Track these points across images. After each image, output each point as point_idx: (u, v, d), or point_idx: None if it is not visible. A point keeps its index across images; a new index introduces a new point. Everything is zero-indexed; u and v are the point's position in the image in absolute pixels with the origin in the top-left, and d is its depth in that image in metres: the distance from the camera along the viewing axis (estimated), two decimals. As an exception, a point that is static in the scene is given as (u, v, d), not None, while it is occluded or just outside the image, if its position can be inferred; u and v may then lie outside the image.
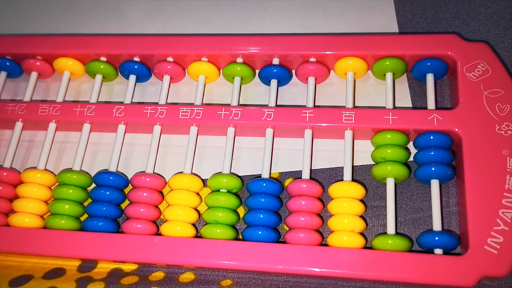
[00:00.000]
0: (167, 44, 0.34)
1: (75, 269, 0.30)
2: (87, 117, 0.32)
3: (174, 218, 0.29)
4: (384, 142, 0.29)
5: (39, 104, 0.33)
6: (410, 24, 0.35)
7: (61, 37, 0.35)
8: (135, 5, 0.40)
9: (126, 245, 0.28)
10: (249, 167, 0.32)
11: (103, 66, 0.34)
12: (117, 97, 0.35)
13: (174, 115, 0.31)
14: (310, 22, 0.37)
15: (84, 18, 0.40)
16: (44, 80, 0.37)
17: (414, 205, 0.29)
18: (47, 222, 0.30)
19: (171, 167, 0.32)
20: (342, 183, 0.28)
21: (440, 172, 0.28)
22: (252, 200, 0.29)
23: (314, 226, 0.28)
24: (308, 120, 0.30)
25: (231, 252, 0.27)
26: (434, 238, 0.26)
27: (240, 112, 0.31)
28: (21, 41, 0.35)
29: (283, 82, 0.33)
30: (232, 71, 0.33)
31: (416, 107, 0.32)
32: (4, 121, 0.33)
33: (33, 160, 0.34)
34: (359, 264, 0.26)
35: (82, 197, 0.31)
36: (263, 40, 0.33)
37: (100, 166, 0.33)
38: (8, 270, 0.30)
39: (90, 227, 0.29)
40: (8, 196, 0.31)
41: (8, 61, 0.35)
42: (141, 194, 0.30)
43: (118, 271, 0.29)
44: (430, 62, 0.30)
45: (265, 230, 0.28)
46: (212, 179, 0.30)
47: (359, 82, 0.33)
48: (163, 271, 0.29)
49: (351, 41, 0.31)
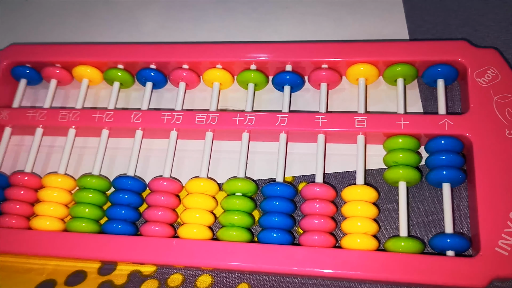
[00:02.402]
0: (183, 52, 0.35)
1: (96, 271, 0.31)
2: (106, 123, 0.33)
3: (191, 221, 0.30)
4: (396, 146, 0.29)
5: (59, 111, 0.34)
6: (420, 30, 0.36)
7: (80, 46, 0.36)
8: (150, 15, 0.41)
9: (145, 247, 0.29)
10: (263, 171, 0.33)
11: (121, 73, 0.35)
12: (134, 104, 0.36)
13: (190, 121, 0.32)
14: (321, 29, 0.37)
15: (101, 28, 0.41)
16: (63, 87, 0.38)
17: (426, 208, 0.30)
18: (68, 225, 0.31)
19: (187, 171, 0.33)
20: (355, 187, 0.29)
21: (452, 176, 0.28)
22: (267, 204, 0.29)
23: (328, 228, 0.28)
24: (321, 125, 0.30)
25: (247, 253, 0.28)
26: (446, 240, 0.27)
27: (255, 118, 0.31)
28: (40, 49, 0.37)
29: (296, 88, 0.34)
30: (246, 78, 0.34)
31: (427, 112, 0.33)
32: (25, 127, 0.35)
33: (53, 165, 0.35)
34: (373, 266, 0.26)
35: (101, 200, 0.31)
36: (276, 47, 0.34)
37: (119, 170, 0.34)
38: (31, 274, 0.31)
39: (110, 230, 0.30)
40: (29, 200, 0.32)
41: (28, 69, 0.36)
42: (159, 197, 0.30)
43: (137, 273, 0.30)
44: (440, 68, 0.31)
45: (280, 233, 0.28)
46: (227, 183, 0.30)
47: (370, 87, 0.34)
48: (180, 273, 0.30)
49: (363, 48, 0.32)
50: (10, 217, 0.31)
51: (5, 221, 0.31)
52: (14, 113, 0.34)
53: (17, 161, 0.35)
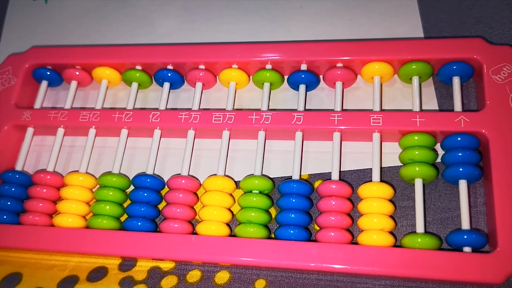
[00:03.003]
0: (199, 53, 0.35)
1: (117, 267, 0.31)
2: (125, 123, 0.34)
3: (209, 218, 0.30)
4: (411, 143, 0.30)
5: (80, 111, 0.35)
6: (435, 29, 0.36)
7: (99, 48, 0.37)
8: (166, 17, 0.41)
9: (164, 243, 0.29)
10: (279, 169, 0.33)
11: (139, 74, 0.36)
12: (152, 104, 0.37)
13: (207, 120, 0.33)
14: (335, 29, 0.38)
15: (118, 30, 0.41)
16: (83, 89, 0.39)
17: (442, 205, 0.30)
18: (89, 222, 0.31)
19: (205, 170, 0.34)
20: (371, 184, 0.29)
21: (468, 173, 0.28)
22: (283, 201, 0.30)
23: (344, 225, 0.29)
24: (336, 123, 0.31)
25: (264, 250, 0.28)
26: (463, 236, 0.27)
27: (271, 117, 0.32)
28: (61, 52, 0.37)
29: (311, 87, 0.34)
30: (262, 77, 0.34)
31: (443, 109, 0.33)
32: (47, 127, 0.36)
33: (74, 165, 0.36)
34: (389, 262, 0.26)
35: (121, 198, 0.32)
36: (291, 46, 0.34)
37: (137, 169, 0.34)
38: (54, 270, 0.32)
39: (130, 227, 0.31)
40: (52, 198, 0.33)
41: (49, 71, 0.37)
42: (177, 195, 0.31)
43: (157, 270, 0.31)
44: (456, 66, 0.31)
45: (296, 229, 0.29)
46: (244, 181, 0.31)
47: (385, 86, 0.34)
48: (199, 269, 0.31)
49: (378, 46, 0.32)
50: (33, 214, 0.32)
51: (28, 218, 0.32)
52: (36, 114, 0.35)
53: (39, 161, 0.36)
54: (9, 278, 0.32)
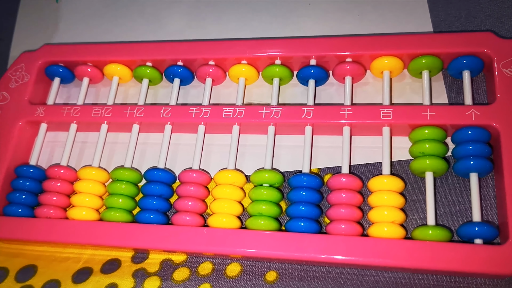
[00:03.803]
0: (209, 49, 0.36)
1: (129, 260, 0.32)
2: (137, 118, 0.34)
3: (220, 211, 0.31)
4: (422, 137, 0.30)
5: (92, 107, 0.35)
6: (444, 23, 0.36)
7: (110, 45, 0.38)
8: (176, 15, 0.42)
9: (176, 235, 0.30)
10: (289, 163, 0.33)
11: (149, 70, 0.36)
12: (162, 100, 0.37)
13: (217, 115, 0.33)
14: (344, 25, 0.38)
15: (129, 28, 0.42)
16: (94, 85, 0.39)
17: (453, 198, 0.30)
18: (102, 215, 0.32)
19: (215, 164, 0.34)
20: (382, 177, 0.29)
21: (479, 165, 0.28)
22: (294, 194, 0.30)
23: (354, 217, 0.29)
24: (346, 117, 0.31)
25: (275, 242, 0.28)
26: (474, 228, 0.27)
27: (281, 111, 0.32)
28: (72, 49, 0.38)
29: (320, 82, 0.35)
30: (271, 73, 0.34)
31: (453, 103, 0.33)
32: (60, 123, 0.36)
33: (86, 159, 0.36)
34: (400, 254, 0.27)
35: (134, 192, 0.33)
36: (300, 42, 0.34)
37: (149, 163, 0.35)
38: (68, 262, 0.32)
39: (143, 220, 0.31)
40: (66, 192, 0.34)
41: (61, 68, 0.38)
42: (189, 188, 0.31)
43: (169, 262, 0.31)
44: (466, 60, 0.31)
45: (307, 222, 0.29)
46: (255, 174, 0.31)
47: (395, 80, 0.34)
48: (210, 261, 0.31)
49: (387, 41, 0.32)
50: (48, 208, 0.33)
51: (43, 211, 0.33)
52: (50, 110, 0.36)
53: (52, 156, 0.37)
54: (24, 270, 0.33)
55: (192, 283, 0.30)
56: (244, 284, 0.30)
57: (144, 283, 0.31)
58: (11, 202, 0.33)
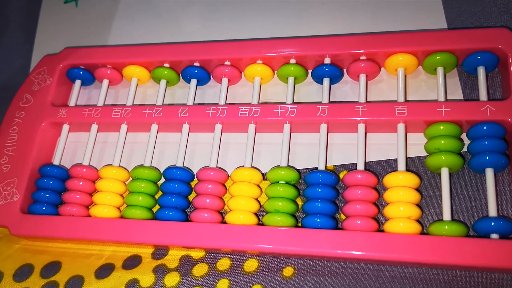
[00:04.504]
0: (225, 49, 0.36)
1: (150, 256, 0.33)
2: (155, 118, 0.35)
3: (238, 208, 0.31)
4: (437, 133, 0.30)
5: (112, 108, 0.36)
6: (459, 20, 0.36)
7: (129, 47, 0.39)
8: (192, 16, 0.42)
9: (195, 232, 0.30)
10: (305, 161, 0.34)
11: (167, 71, 0.37)
12: (179, 100, 0.38)
13: (234, 114, 0.34)
14: (358, 23, 0.38)
15: (146, 31, 0.43)
16: (114, 87, 0.40)
17: (469, 194, 0.30)
18: (123, 212, 0.33)
19: (232, 162, 0.35)
20: (397, 173, 0.29)
21: (495, 161, 0.28)
22: (310, 191, 0.31)
23: (370, 213, 0.29)
24: (361, 115, 0.31)
25: (291, 238, 0.29)
26: (490, 223, 0.27)
27: (296, 109, 0.33)
28: (92, 52, 0.39)
29: (335, 80, 0.35)
30: (286, 72, 0.35)
31: (468, 99, 0.33)
32: (81, 124, 0.37)
33: (107, 159, 0.37)
34: (416, 249, 0.27)
35: (153, 190, 0.34)
36: (314, 41, 0.35)
37: (167, 162, 0.36)
38: (91, 259, 0.33)
39: (162, 217, 0.32)
40: (88, 191, 0.35)
41: (82, 70, 0.39)
42: (207, 186, 0.32)
43: (188, 258, 0.32)
44: (481, 56, 0.31)
45: (323, 218, 0.29)
46: (271, 172, 0.32)
47: (409, 77, 0.34)
48: (228, 257, 0.32)
49: (401, 38, 0.33)
50: (71, 206, 0.34)
51: (66, 209, 0.34)
52: (72, 111, 0.37)
53: (74, 156, 0.38)
54: (49, 266, 0.34)
55: (211, 278, 0.31)
56: (261, 279, 0.30)
57: (164, 278, 0.31)
58: (36, 201, 0.35)
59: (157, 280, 0.32)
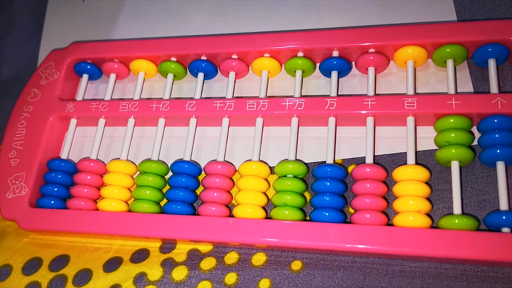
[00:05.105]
0: (232, 43, 0.36)
1: (157, 250, 0.33)
2: (163, 112, 0.35)
3: (245, 201, 0.31)
4: (447, 126, 0.30)
5: (119, 102, 0.36)
6: (469, 12, 0.35)
7: (135, 41, 0.39)
8: (199, 10, 0.42)
9: (203, 226, 0.30)
10: (313, 155, 0.34)
11: (174, 65, 0.37)
12: (186, 94, 0.38)
13: (241, 108, 0.33)
14: (366, 16, 0.38)
15: (152, 25, 0.43)
16: (121, 81, 0.40)
17: (479, 187, 0.30)
18: (131, 206, 0.33)
19: (240, 156, 0.34)
20: (406, 166, 0.29)
21: (506, 154, 0.28)
22: (318, 184, 0.30)
23: (379, 207, 0.29)
24: (370, 108, 0.31)
25: (299, 231, 0.29)
26: (501, 217, 0.27)
27: (304, 103, 0.32)
28: (99, 46, 0.39)
29: (343, 73, 0.35)
30: (294, 65, 0.35)
31: (478, 92, 0.33)
32: (89, 118, 0.37)
33: (114, 153, 0.37)
34: (426, 243, 0.27)
35: (161, 184, 0.34)
36: (322, 34, 0.34)
37: (175, 156, 0.36)
38: (99, 252, 0.33)
39: (170, 210, 0.32)
40: (96, 184, 0.35)
41: (89, 65, 0.39)
42: (214, 180, 0.32)
43: (196, 252, 0.32)
44: (491, 48, 0.31)
45: (331, 212, 0.29)
46: (279, 165, 0.32)
47: (419, 70, 0.34)
48: (236, 251, 0.31)
49: (411, 30, 0.32)
50: (79, 200, 0.34)
51: (75, 203, 0.34)
52: (79, 105, 0.37)
53: (82, 150, 0.38)
54: (57, 260, 0.34)
55: (219, 272, 0.31)
56: (269, 273, 0.30)
57: (172, 272, 0.31)
58: (44, 195, 0.35)
59: (165, 274, 0.32)
